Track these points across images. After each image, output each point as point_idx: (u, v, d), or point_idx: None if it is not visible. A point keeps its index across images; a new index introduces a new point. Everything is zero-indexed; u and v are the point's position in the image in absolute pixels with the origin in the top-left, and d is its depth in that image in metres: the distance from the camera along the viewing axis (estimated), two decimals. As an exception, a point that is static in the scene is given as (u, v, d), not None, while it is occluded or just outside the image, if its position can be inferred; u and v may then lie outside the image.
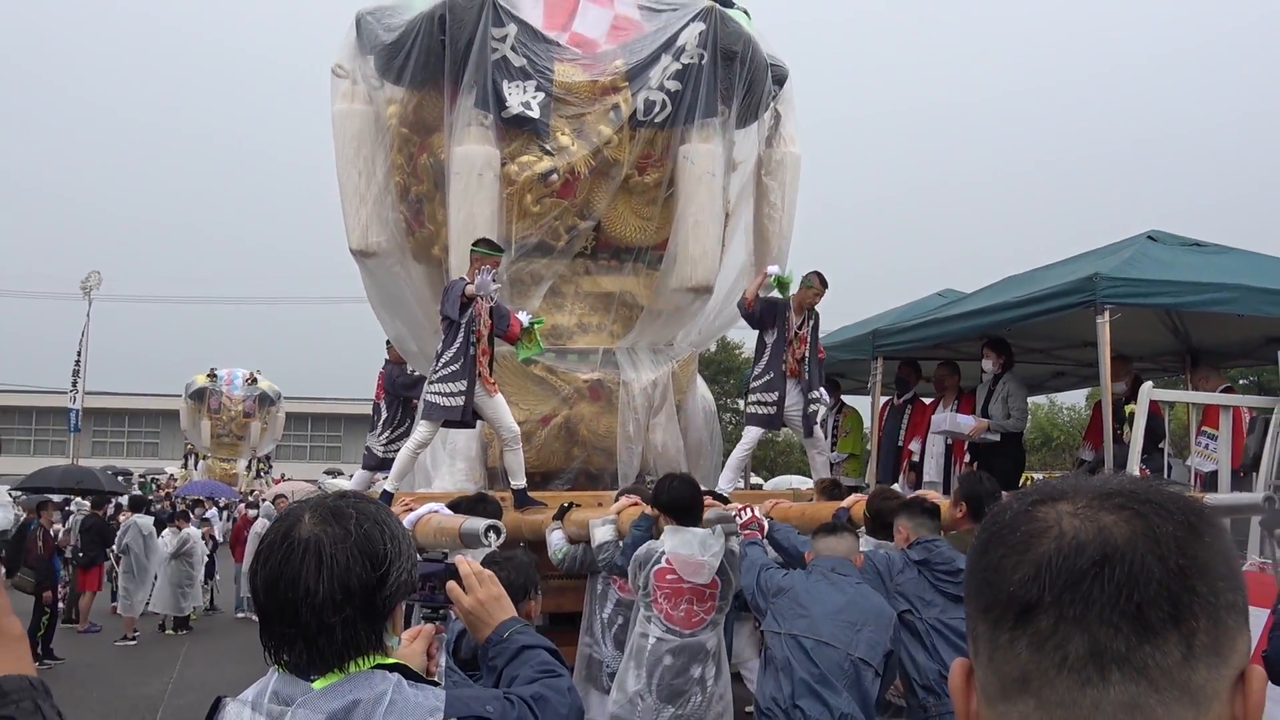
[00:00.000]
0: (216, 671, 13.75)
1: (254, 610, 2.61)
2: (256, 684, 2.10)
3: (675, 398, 10.25)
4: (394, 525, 2.13)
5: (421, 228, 10.55)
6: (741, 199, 11.05)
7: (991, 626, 0.94)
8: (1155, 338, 10.81)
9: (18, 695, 0.94)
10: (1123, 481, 0.96)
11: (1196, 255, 9.59)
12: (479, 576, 2.65)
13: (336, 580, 1.99)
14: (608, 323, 10.22)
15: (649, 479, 9.52)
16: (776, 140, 11.06)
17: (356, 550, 2.02)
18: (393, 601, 2.08)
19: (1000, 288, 11.04)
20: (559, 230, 9.90)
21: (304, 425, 59.48)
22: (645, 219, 10.23)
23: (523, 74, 9.52)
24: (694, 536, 5.71)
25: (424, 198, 10.43)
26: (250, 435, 38.14)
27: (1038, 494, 0.98)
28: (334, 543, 2.01)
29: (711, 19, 9.82)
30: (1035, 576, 0.90)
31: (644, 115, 9.74)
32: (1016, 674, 0.91)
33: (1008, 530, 0.96)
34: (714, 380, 37.18)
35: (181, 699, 12.03)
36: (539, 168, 9.60)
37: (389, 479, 8.84)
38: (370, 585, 2.01)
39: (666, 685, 5.59)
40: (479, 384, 8.35)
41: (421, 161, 10.28)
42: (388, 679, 2.02)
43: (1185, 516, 0.92)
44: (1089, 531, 0.91)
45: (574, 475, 9.83)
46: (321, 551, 2.00)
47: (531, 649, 2.58)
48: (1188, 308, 8.96)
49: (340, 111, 10.24)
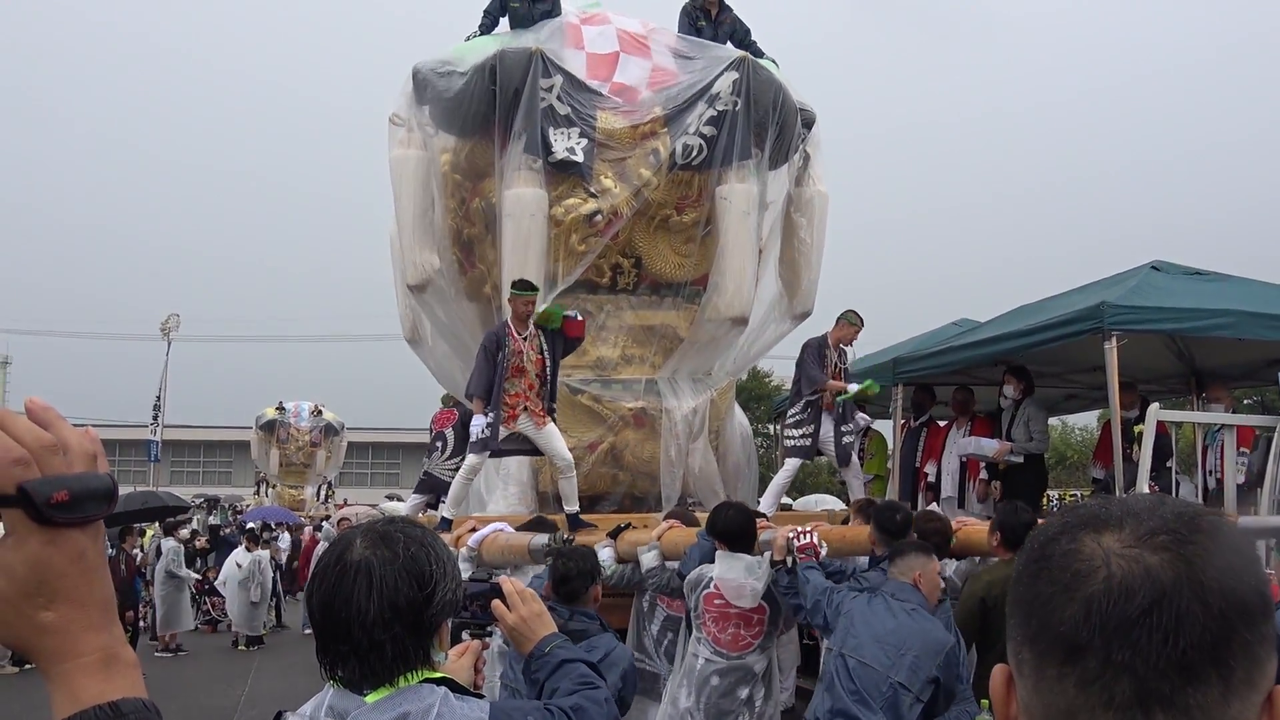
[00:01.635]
0: (286, 684, 13.60)
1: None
2: (314, 699, 2.09)
3: (714, 424, 10.18)
4: (439, 548, 2.12)
5: (473, 268, 10.51)
6: (773, 235, 10.93)
7: (1038, 657, 0.91)
8: (1161, 362, 10.86)
9: (134, 716, 0.94)
10: (1165, 515, 0.92)
11: (1198, 283, 9.60)
12: (522, 595, 2.64)
13: (386, 600, 1.99)
14: (650, 354, 10.13)
15: (690, 502, 9.40)
16: (805, 180, 10.96)
17: (404, 572, 2.02)
18: (438, 619, 2.08)
19: (1013, 316, 11.05)
20: (603, 267, 9.87)
21: (365, 453, 59.51)
22: (684, 256, 10.18)
23: (568, 121, 9.50)
24: (740, 563, 5.51)
25: (475, 239, 10.40)
26: (316, 463, 38.20)
27: (1082, 522, 0.94)
28: (383, 565, 2.00)
29: (744, 68, 9.81)
30: (1085, 619, 0.88)
31: (682, 159, 9.69)
32: (1063, 706, 0.89)
33: (1056, 565, 0.92)
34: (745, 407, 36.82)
35: (253, 710, 11.91)
36: (584, 209, 9.57)
37: (446, 505, 8.71)
38: (417, 604, 2.01)
39: (714, 705, 5.42)
40: (525, 416, 8.21)
41: (473, 205, 10.25)
42: (435, 692, 2.02)
43: (1226, 557, 0.88)
44: (1136, 574, 0.87)
45: (620, 499, 9.73)
46: (372, 573, 2.00)
47: (571, 663, 2.56)
48: (1191, 333, 8.99)
49: (397, 158, 10.19)
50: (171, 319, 39.96)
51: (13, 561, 0.94)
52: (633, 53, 10.06)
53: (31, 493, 0.92)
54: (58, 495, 0.93)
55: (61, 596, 0.95)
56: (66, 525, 0.94)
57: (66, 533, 0.95)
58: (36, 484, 0.92)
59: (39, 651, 0.97)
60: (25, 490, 0.92)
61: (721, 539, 5.62)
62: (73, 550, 0.96)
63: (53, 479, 0.93)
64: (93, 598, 0.97)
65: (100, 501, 0.96)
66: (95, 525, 0.98)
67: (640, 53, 10.09)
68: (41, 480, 0.92)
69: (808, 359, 9.25)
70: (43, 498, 0.92)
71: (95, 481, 0.96)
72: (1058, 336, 8.89)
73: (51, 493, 0.92)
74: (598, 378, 9.75)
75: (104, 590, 0.99)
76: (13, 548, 0.94)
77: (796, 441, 9.30)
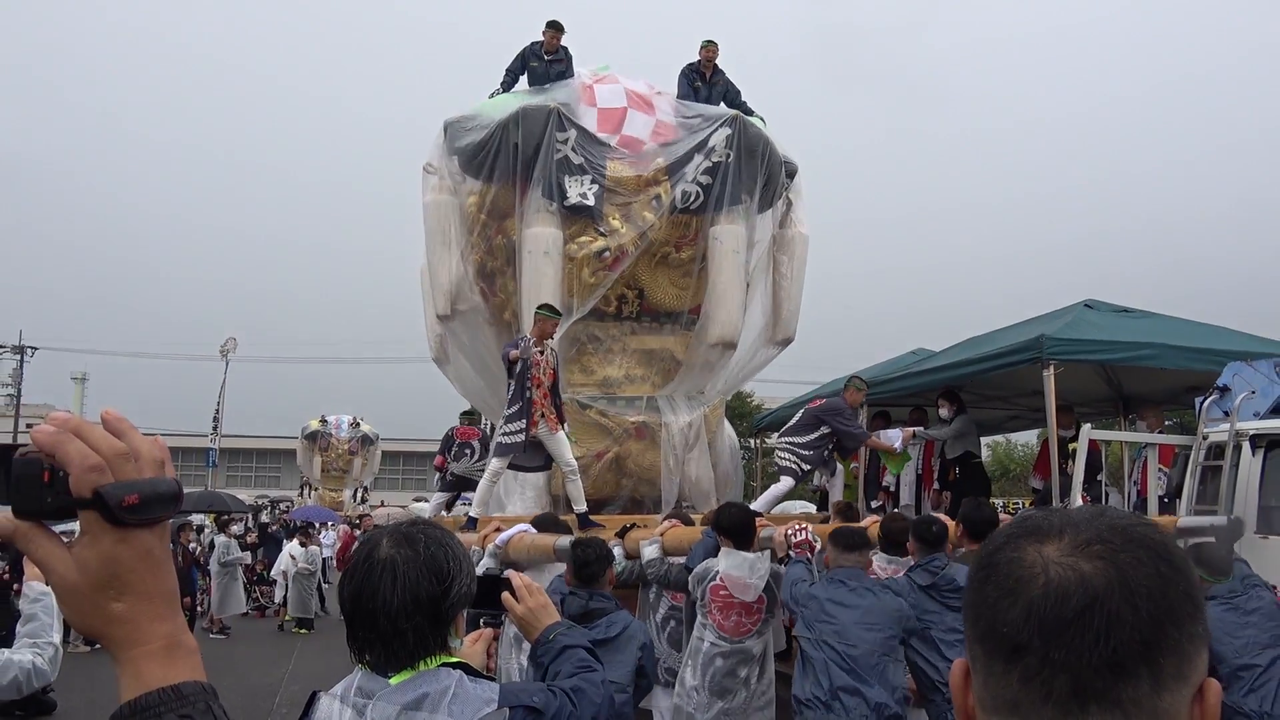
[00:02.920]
0: (325, 663, 13.37)
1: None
2: (344, 680, 2.11)
3: (707, 437, 10.11)
4: (456, 547, 2.13)
5: (495, 297, 10.50)
6: (759, 271, 10.90)
7: (987, 654, 0.91)
8: (1093, 387, 11.09)
9: (194, 698, 0.94)
10: (1100, 526, 0.91)
11: (1126, 319, 9.84)
12: (529, 588, 2.64)
13: (408, 593, 2.01)
14: (651, 375, 10.14)
15: (685, 505, 9.39)
16: (788, 223, 10.97)
17: (425, 568, 2.04)
18: (455, 610, 2.09)
19: (963, 347, 11.24)
20: (609, 298, 9.89)
21: (396, 461, 59.33)
22: (681, 288, 10.21)
23: (581, 170, 9.54)
24: (744, 560, 5.52)
25: (497, 271, 10.39)
26: (354, 469, 38.15)
27: (1025, 532, 0.93)
28: (406, 562, 2.03)
29: (736, 125, 9.88)
30: (1026, 621, 0.87)
31: (681, 203, 9.73)
32: (1009, 698, 0.88)
33: (1001, 572, 0.91)
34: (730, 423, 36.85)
35: (295, 686, 11.86)
36: (594, 247, 9.59)
37: (473, 506, 8.72)
38: (436, 597, 2.03)
39: (717, 684, 5.45)
40: (543, 423, 8.21)
41: (496, 242, 10.24)
42: (451, 675, 2.03)
43: (1155, 564, 0.88)
44: (1071, 581, 0.87)
45: (623, 502, 9.69)
46: (396, 569, 2.02)
47: (572, 649, 2.56)
48: (1119, 362, 9.20)
49: (430, 202, 10.23)
50: (229, 342, 39.96)
51: (88, 558, 0.94)
52: (639, 110, 10.09)
53: (106, 496, 0.91)
54: (129, 498, 0.92)
55: (130, 589, 0.95)
56: (136, 526, 0.94)
57: (136, 532, 0.94)
58: (110, 488, 0.91)
59: (109, 639, 0.97)
60: (100, 494, 0.91)
61: (725, 534, 5.62)
62: (141, 548, 0.95)
63: (125, 484, 0.92)
64: (158, 590, 0.97)
65: (167, 504, 0.96)
66: (162, 525, 0.97)
67: (645, 110, 10.11)
68: (115, 485, 0.92)
69: (849, 418, 9.28)
70: (115, 501, 0.91)
71: (163, 486, 0.95)
72: (1002, 365, 9.11)
73: (124, 496, 0.92)
74: (604, 395, 9.76)
75: (168, 584, 0.98)
76: (88, 545, 0.94)
77: (796, 464, 9.23)
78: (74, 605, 0.96)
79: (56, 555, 0.95)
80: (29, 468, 0.92)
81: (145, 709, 0.93)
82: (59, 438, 0.92)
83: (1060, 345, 8.46)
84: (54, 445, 0.92)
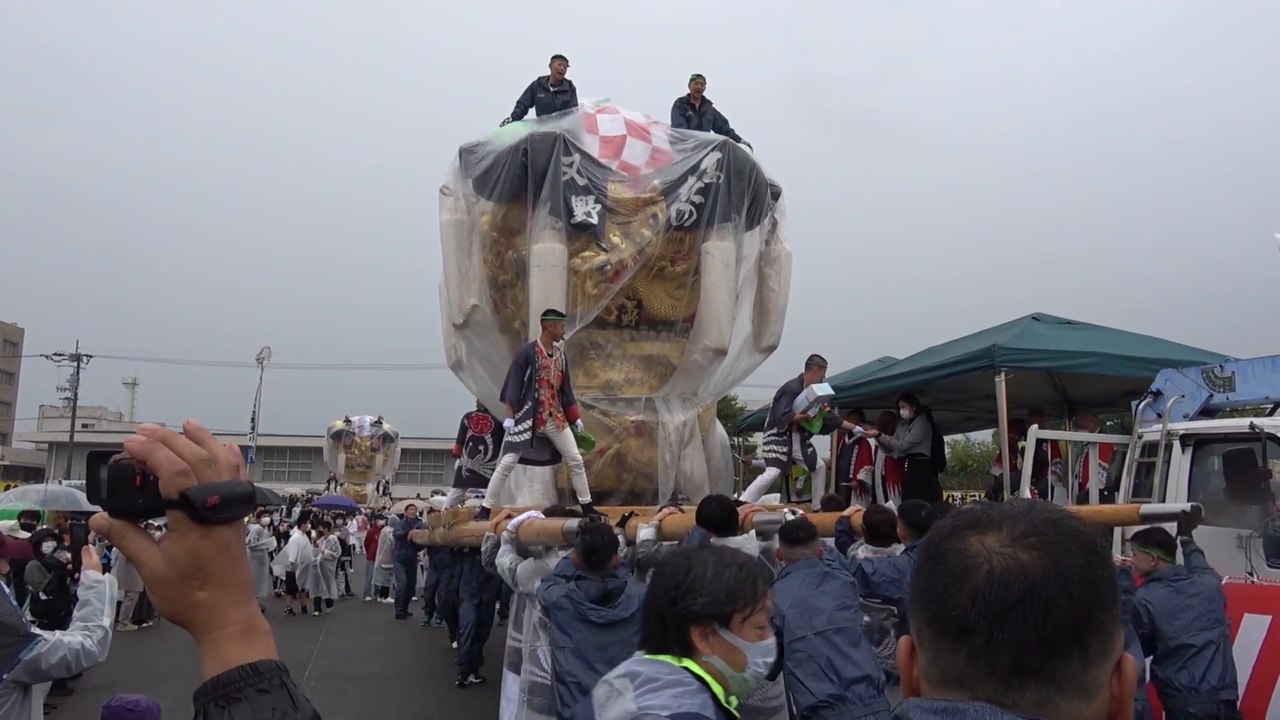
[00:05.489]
0: (351, 640, 13.38)
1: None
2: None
3: (700, 435, 9.99)
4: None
5: (506, 307, 10.37)
6: (746, 284, 10.77)
7: (935, 635, 0.91)
8: (1040, 392, 11.12)
9: (269, 674, 0.94)
10: (1034, 519, 0.92)
11: (1070, 330, 9.98)
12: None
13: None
14: (648, 378, 10.00)
15: (680, 497, 9.17)
16: (774, 240, 10.82)
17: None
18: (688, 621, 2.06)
19: (924, 355, 11.32)
20: (610, 307, 9.76)
21: (415, 457, 58.96)
22: (676, 299, 10.08)
23: (585, 190, 9.42)
24: (735, 543, 5.24)
25: (508, 284, 10.27)
26: (375, 465, 38.00)
27: (968, 524, 0.94)
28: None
29: (726, 150, 9.76)
30: (972, 605, 0.88)
31: (676, 221, 9.60)
32: (955, 674, 0.89)
33: (948, 560, 0.92)
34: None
35: (325, 660, 11.73)
36: (596, 261, 9.47)
37: (486, 497, 8.58)
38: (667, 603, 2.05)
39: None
40: (550, 421, 8.08)
41: (507, 257, 10.13)
42: (676, 671, 2.01)
43: (1084, 554, 0.89)
44: (1012, 569, 0.88)
45: (623, 495, 9.53)
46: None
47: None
48: (1064, 370, 9.30)
49: (446, 221, 10.10)
50: (264, 350, 39.71)
51: (175, 552, 0.95)
52: (637, 137, 9.99)
53: (191, 498, 0.93)
54: (211, 499, 0.94)
55: (212, 579, 0.96)
56: (217, 523, 0.95)
57: (217, 529, 0.96)
58: (195, 490, 0.93)
59: (193, 623, 0.97)
60: (186, 496, 0.93)
61: (708, 526, 5.37)
62: (221, 542, 0.96)
63: (207, 486, 0.94)
64: (236, 580, 0.98)
65: (243, 504, 0.97)
66: (239, 522, 0.98)
67: (643, 138, 10.03)
68: (198, 487, 0.93)
69: (784, 403, 9.06)
70: (199, 501, 0.93)
71: (240, 488, 0.97)
72: (959, 371, 9.19)
73: (206, 497, 0.93)
74: (606, 396, 9.64)
75: (244, 574, 1.00)
76: (175, 541, 0.95)
77: (776, 455, 9.12)
78: (162, 594, 0.97)
79: (148, 550, 0.97)
80: (123, 473, 0.93)
81: (227, 685, 0.94)
82: (149, 446, 0.94)
83: (1011, 354, 8.53)
84: (145, 453, 0.93)
